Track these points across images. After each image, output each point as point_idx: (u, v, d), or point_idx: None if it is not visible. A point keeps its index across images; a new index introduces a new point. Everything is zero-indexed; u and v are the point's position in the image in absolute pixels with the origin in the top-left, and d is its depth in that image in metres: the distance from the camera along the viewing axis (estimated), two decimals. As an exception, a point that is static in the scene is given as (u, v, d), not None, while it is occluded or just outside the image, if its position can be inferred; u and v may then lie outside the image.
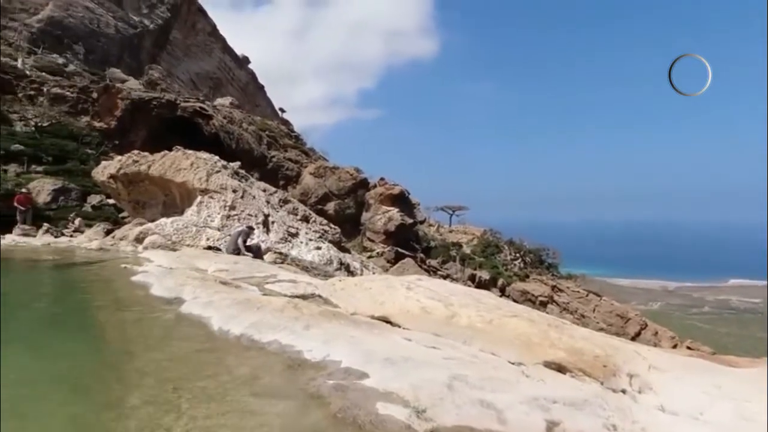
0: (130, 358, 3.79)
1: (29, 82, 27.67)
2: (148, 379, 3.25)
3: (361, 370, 2.97)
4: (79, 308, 6.12)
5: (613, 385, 3.46)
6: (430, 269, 27.59)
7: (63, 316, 5.74)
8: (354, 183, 29.29)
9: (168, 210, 13.66)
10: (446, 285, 5.69)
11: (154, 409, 2.70)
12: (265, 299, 4.70)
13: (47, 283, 8.99)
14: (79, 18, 37.15)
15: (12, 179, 18.50)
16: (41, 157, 21.97)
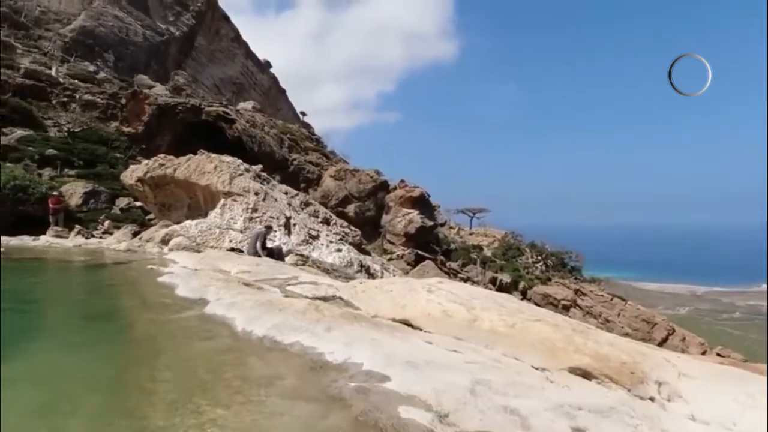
0: (157, 358, 3.89)
1: (63, 89, 28.77)
2: (174, 378, 3.33)
3: (383, 373, 2.97)
4: (108, 308, 6.31)
5: (641, 393, 3.36)
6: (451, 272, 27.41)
7: (94, 316, 5.93)
8: (374, 185, 29.38)
9: (193, 212, 13.97)
10: (468, 288, 5.63)
11: (180, 407, 2.75)
12: (287, 301, 4.75)
13: (79, 283, 9.30)
14: (109, 27, 38.44)
15: (46, 183, 19.21)
16: (73, 162, 22.78)
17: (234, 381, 3.13)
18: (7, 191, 16.51)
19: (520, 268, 33.77)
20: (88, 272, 10.28)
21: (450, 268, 28.55)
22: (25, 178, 18.06)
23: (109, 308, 6.30)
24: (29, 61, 29.75)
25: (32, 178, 18.82)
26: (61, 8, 36.80)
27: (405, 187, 30.28)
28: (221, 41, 53.90)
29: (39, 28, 35.22)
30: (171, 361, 3.75)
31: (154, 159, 15.04)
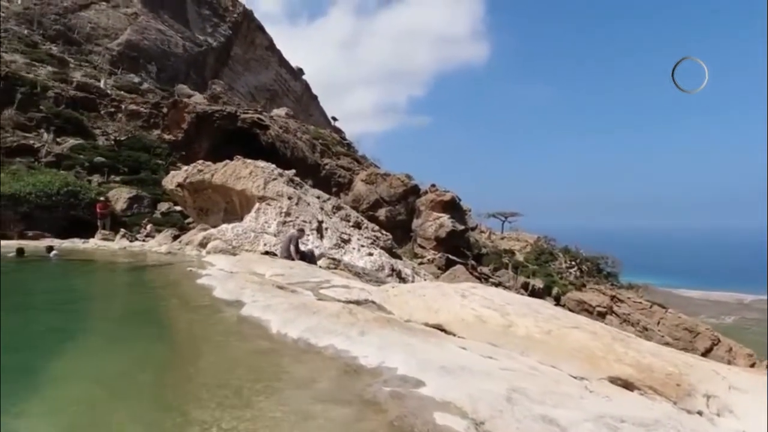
0: (197, 357, 4.02)
1: (110, 100, 30.32)
2: (214, 377, 3.43)
3: (417, 378, 2.96)
4: (151, 308, 6.58)
5: (688, 406, 3.21)
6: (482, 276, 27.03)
7: (138, 315, 6.21)
8: (405, 189, 29.36)
9: (229, 216, 14.40)
10: (501, 293, 5.54)
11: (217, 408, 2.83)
12: (320, 304, 4.82)
13: (124, 284, 9.75)
14: (152, 40, 40.28)
15: (95, 188, 20.27)
16: (119, 168, 23.95)
17: (270, 382, 3.20)
18: (60, 197, 17.53)
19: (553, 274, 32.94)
20: (133, 273, 10.77)
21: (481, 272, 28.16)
22: (76, 184, 19.14)
23: (152, 308, 6.58)
24: (81, 74, 31.53)
25: (82, 184, 19.92)
26: (110, 24, 38.86)
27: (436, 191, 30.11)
28: (256, 50, 55.46)
29: (90, 44, 37.32)
30: (210, 361, 3.87)
31: (193, 165, 15.61)
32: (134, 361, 4.13)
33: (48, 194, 17.23)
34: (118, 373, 3.82)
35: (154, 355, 4.27)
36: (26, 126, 24.42)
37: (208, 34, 47.64)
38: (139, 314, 6.28)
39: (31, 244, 14.44)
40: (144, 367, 3.93)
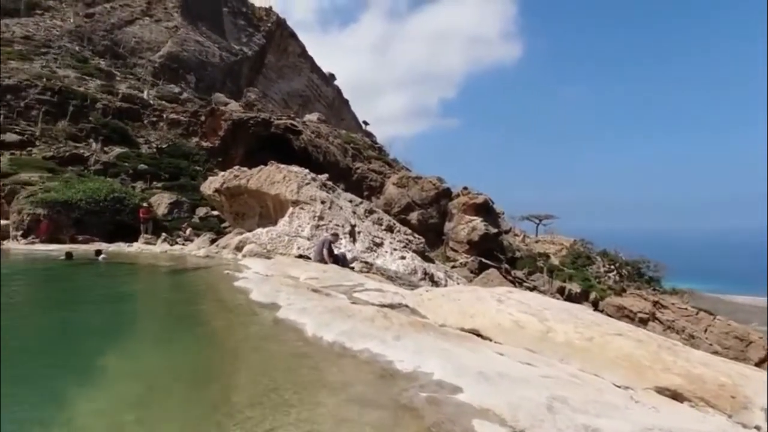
0: (235, 358, 4.12)
1: (152, 110, 31.74)
2: (252, 378, 3.50)
3: (454, 384, 2.92)
4: (192, 309, 6.80)
5: (744, 420, 3.02)
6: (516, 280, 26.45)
7: (179, 316, 6.43)
8: (437, 192, 29.16)
9: (263, 220, 14.72)
10: (539, 298, 5.40)
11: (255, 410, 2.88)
12: (355, 308, 4.84)
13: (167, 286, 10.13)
14: (191, 51, 41.90)
15: (138, 194, 21.23)
16: (160, 175, 24.99)
17: (307, 385, 3.23)
18: (107, 203, 18.45)
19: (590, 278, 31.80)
20: (174, 276, 11.18)
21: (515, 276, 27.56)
22: (121, 190, 20.10)
23: (192, 310, 6.79)
24: (126, 86, 33.19)
25: (127, 190, 20.90)
26: (152, 37, 40.72)
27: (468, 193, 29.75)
28: (289, 57, 56.70)
29: (134, 57, 39.23)
30: (248, 362, 3.96)
31: (229, 171, 16.07)
32: (176, 361, 4.28)
33: (96, 200, 18.15)
34: (161, 372, 3.96)
35: (195, 355, 4.40)
36: (77, 136, 25.90)
37: (243, 43, 49.11)
38: (181, 316, 6.49)
39: (81, 247, 15.27)
40: (186, 367, 4.06)
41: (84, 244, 16.36)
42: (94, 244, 15.96)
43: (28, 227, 17.12)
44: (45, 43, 35.08)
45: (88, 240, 17.08)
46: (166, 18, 42.52)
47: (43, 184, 18.93)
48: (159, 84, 36.88)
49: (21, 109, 25.86)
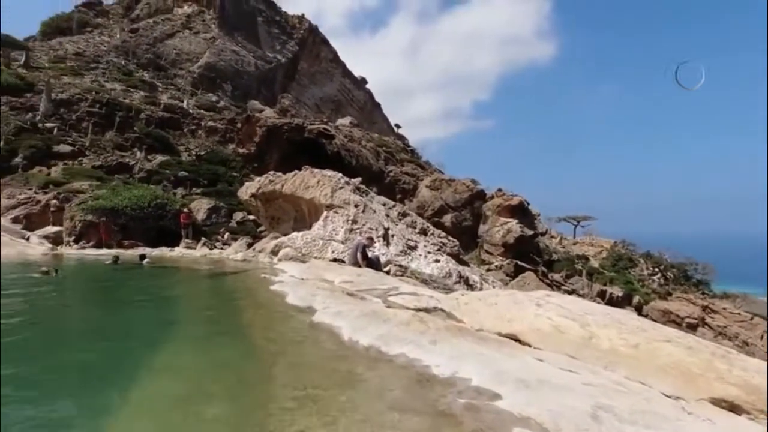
0: (274, 360, 4.19)
1: (192, 119, 33.02)
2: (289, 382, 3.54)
3: (493, 390, 2.85)
4: (231, 312, 6.99)
5: (812, 435, 2.80)
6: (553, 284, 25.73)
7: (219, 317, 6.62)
8: (470, 195, 28.83)
9: (298, 224, 14.97)
10: (580, 302, 5.21)
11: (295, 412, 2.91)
12: (391, 312, 4.83)
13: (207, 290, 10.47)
14: (228, 61, 43.34)
15: (179, 200, 22.08)
16: (199, 181, 25.93)
17: (344, 389, 3.25)
18: (150, 209, 19.27)
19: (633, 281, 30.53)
20: (214, 280, 11.53)
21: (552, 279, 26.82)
22: (164, 197, 20.95)
23: (231, 312, 6.98)
24: (167, 97, 34.70)
25: (169, 197, 21.77)
26: (191, 49, 42.41)
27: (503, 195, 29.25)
28: (321, 63, 57.64)
29: (175, 68, 40.99)
30: (286, 365, 4.01)
31: (265, 176, 16.45)
32: (217, 362, 4.40)
33: (141, 207, 19.00)
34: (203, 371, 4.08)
35: (235, 357, 4.51)
36: (123, 146, 27.27)
37: (277, 51, 50.34)
38: (220, 318, 6.69)
39: (127, 252, 16.03)
40: (226, 368, 4.17)
41: (129, 248, 17.16)
42: (138, 249, 16.72)
43: (80, 233, 18.11)
44: (94, 59, 37.21)
45: (133, 245, 17.90)
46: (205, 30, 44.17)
47: (92, 192, 20.00)
48: (198, 93, 38.34)
49: (73, 121, 27.50)
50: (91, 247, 17.45)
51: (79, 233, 18.07)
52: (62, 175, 22.50)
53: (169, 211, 19.90)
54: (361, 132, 36.37)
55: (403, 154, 36.45)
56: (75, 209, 18.53)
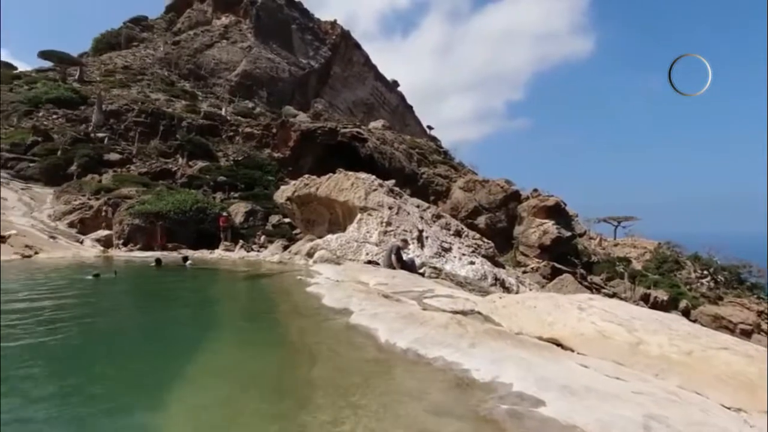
0: (312, 362, 4.23)
1: (229, 125, 34.10)
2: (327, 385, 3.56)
3: (536, 397, 2.76)
4: (269, 313, 7.14)
5: None
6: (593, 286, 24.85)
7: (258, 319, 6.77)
8: (505, 195, 28.30)
9: (332, 227, 15.14)
10: (625, 306, 4.99)
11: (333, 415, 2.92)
12: (428, 314, 4.79)
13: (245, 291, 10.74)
14: (263, 68, 44.52)
15: (218, 204, 22.82)
16: (237, 185, 26.71)
17: (383, 392, 3.23)
18: (192, 213, 20.01)
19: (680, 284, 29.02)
20: (251, 281, 11.82)
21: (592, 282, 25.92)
22: (204, 201, 21.72)
23: (269, 314, 7.13)
24: (207, 105, 36.02)
25: (209, 201, 22.54)
26: (229, 58, 43.88)
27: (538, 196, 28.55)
28: (353, 67, 58.22)
29: (213, 77, 42.53)
30: (324, 367, 4.04)
31: (300, 179, 16.75)
32: (257, 362, 4.49)
33: (183, 211, 19.76)
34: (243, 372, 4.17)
35: (274, 358, 4.58)
36: (166, 153, 28.49)
37: (310, 57, 51.27)
38: (258, 319, 6.84)
39: (170, 255, 16.69)
40: (265, 369, 4.25)
41: (173, 251, 17.87)
42: (181, 251, 17.38)
43: (128, 236, 19.02)
44: (140, 71, 39.15)
45: (176, 247, 18.62)
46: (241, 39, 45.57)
47: (139, 197, 20.98)
48: (235, 101, 39.57)
49: (121, 131, 29.01)
50: (138, 249, 18.29)
51: (127, 236, 18.97)
52: (112, 181, 23.75)
53: (209, 215, 20.59)
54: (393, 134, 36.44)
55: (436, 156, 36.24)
56: (123, 214, 19.48)
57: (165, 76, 39.79)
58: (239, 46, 45.04)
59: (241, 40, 45.62)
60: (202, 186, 25.48)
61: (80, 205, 20.76)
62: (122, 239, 18.94)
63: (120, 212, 19.72)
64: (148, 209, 19.33)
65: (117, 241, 18.96)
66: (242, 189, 26.57)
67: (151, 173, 25.81)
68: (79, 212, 20.23)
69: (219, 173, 27.28)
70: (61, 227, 19.16)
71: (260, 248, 19.54)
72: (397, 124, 53.72)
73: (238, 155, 31.07)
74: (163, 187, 23.69)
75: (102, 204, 20.65)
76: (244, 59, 43.86)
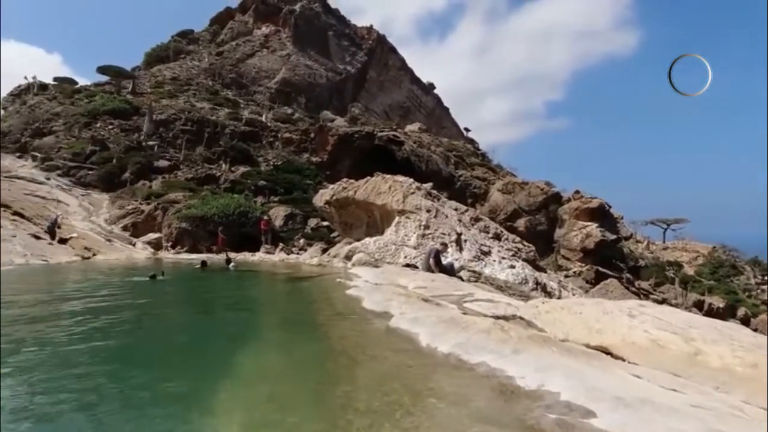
0: (353, 366, 4.26)
1: (269, 131, 35.09)
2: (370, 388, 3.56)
3: (586, 407, 2.66)
4: (310, 316, 7.26)
5: None
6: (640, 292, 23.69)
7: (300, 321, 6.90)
8: (545, 197, 27.53)
9: (370, 230, 15.23)
10: (680, 314, 4.72)
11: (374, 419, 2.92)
12: (470, 319, 4.72)
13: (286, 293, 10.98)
14: (302, 75, 45.58)
15: (259, 208, 23.50)
16: (277, 190, 27.41)
17: (425, 397, 3.21)
18: (234, 216, 20.71)
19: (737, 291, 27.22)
20: (291, 283, 12.08)
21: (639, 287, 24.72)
22: (246, 205, 22.42)
23: (310, 316, 7.25)
24: (248, 112, 37.26)
25: (250, 205, 23.25)
26: (269, 66, 45.24)
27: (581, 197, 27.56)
28: (389, 71, 58.52)
29: (254, 85, 43.96)
30: (366, 370, 4.07)
31: (338, 183, 16.98)
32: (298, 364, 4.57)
33: (226, 214, 20.48)
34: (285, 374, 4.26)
35: (315, 361, 4.64)
36: (211, 159, 29.67)
37: (346, 62, 52.00)
38: (300, 321, 6.97)
39: (214, 257, 17.33)
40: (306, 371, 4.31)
41: (217, 254, 18.54)
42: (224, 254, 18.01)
43: (176, 239, 19.91)
44: (187, 82, 41.04)
45: (220, 250, 19.31)
46: (281, 48, 46.86)
47: (185, 202, 21.94)
48: (275, 107, 40.68)
49: (170, 139, 30.48)
50: (185, 252, 19.11)
51: (175, 239, 19.86)
52: (161, 187, 24.98)
53: (251, 218, 21.23)
54: (430, 137, 36.30)
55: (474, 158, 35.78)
56: (171, 218, 20.43)
57: (209, 85, 41.50)
58: (279, 55, 46.32)
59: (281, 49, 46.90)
60: (244, 190, 26.31)
61: (133, 209, 21.95)
62: (170, 242, 19.84)
63: (168, 216, 20.68)
64: (194, 213, 20.17)
65: (166, 243, 19.89)
66: (282, 193, 27.23)
67: (197, 179, 26.94)
68: (131, 216, 21.40)
69: (260, 178, 28.10)
70: (116, 230, 20.32)
71: (299, 251, 19.94)
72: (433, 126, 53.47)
73: (278, 160, 31.89)
74: (208, 192, 24.66)
75: (152, 209, 21.74)
76: (283, 67, 45.07)
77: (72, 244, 17.22)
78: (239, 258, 17.26)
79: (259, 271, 14.68)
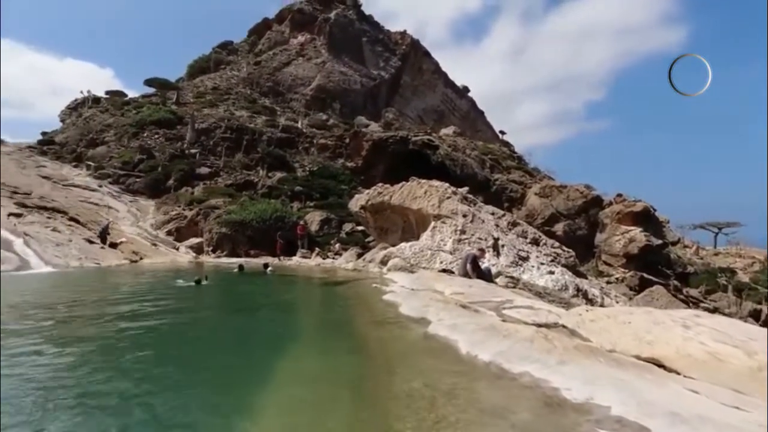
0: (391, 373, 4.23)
1: (305, 137, 35.77)
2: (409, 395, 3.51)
3: (639, 423, 2.53)
4: (347, 321, 7.31)
5: None
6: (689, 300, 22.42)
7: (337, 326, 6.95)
8: (585, 201, 26.63)
9: (406, 235, 15.21)
10: (739, 325, 4.43)
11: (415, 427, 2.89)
12: (511, 327, 4.61)
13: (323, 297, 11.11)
14: (336, 81, 46.23)
15: (295, 213, 23.95)
16: (312, 195, 27.86)
17: (466, 407, 3.15)
18: (271, 221, 21.20)
19: (798, 299, 25.21)
20: (328, 287, 12.21)
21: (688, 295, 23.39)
22: (282, 210, 22.92)
23: (347, 321, 7.30)
24: (284, 119, 38.13)
25: (287, 210, 23.74)
26: (305, 74, 46.19)
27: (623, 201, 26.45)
28: (423, 76, 58.43)
29: (290, 93, 44.98)
30: (404, 377, 4.03)
31: (374, 188, 17.07)
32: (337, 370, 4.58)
33: (264, 219, 21.00)
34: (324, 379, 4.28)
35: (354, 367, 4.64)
36: (249, 165, 30.53)
37: (380, 68, 52.34)
38: (337, 325, 7.03)
39: (252, 261, 17.79)
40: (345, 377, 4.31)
41: (255, 258, 19.03)
42: (262, 258, 18.45)
43: (216, 243, 20.58)
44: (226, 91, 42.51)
45: (258, 254, 19.81)
46: (316, 55, 47.74)
47: (225, 208, 22.66)
48: (310, 114, 41.45)
49: (210, 146, 31.62)
50: (225, 255, 19.72)
51: (215, 244, 20.53)
52: (202, 193, 25.93)
53: (287, 223, 21.67)
54: (465, 141, 35.94)
55: (510, 162, 35.12)
56: (212, 223, 21.15)
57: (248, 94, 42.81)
58: (314, 62, 47.21)
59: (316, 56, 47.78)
60: (281, 196, 26.91)
61: (176, 215, 22.89)
62: (211, 246, 20.52)
63: (209, 221, 21.42)
64: (233, 218, 20.79)
65: (207, 248, 20.60)
66: (317, 198, 27.65)
67: (236, 185, 27.79)
68: (175, 222, 22.31)
69: (296, 183, 28.66)
70: (161, 235, 21.24)
71: (335, 256, 20.16)
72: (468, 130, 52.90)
73: (314, 166, 32.44)
74: (246, 198, 25.37)
75: (194, 214, 22.59)
76: (318, 74, 45.89)
77: (121, 248, 18.14)
78: (276, 262, 17.63)
79: (296, 275, 14.92)
